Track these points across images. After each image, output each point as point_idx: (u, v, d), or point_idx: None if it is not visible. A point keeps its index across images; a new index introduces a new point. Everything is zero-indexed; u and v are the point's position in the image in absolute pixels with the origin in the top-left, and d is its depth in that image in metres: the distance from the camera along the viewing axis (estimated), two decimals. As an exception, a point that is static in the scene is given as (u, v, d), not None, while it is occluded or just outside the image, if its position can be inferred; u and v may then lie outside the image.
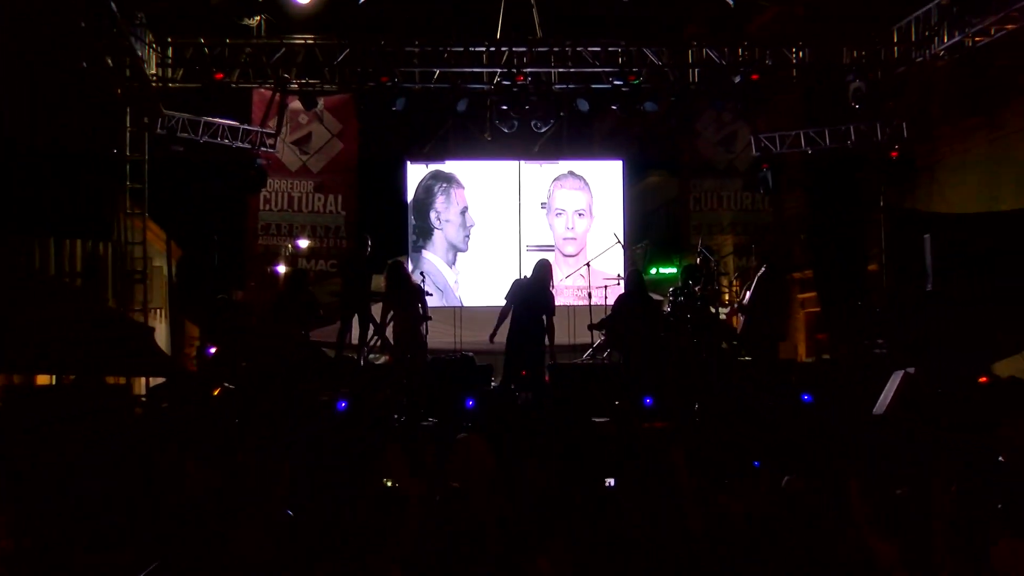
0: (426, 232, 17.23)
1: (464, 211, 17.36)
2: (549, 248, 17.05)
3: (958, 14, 13.73)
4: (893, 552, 4.91)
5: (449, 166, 17.65)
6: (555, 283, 12.73)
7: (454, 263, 17.26)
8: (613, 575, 4.37)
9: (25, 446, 8.31)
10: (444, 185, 17.37)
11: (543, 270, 12.55)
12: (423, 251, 16.46)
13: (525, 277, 12.91)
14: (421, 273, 14.52)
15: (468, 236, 17.37)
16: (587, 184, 17.75)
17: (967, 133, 17.84)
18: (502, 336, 12.65)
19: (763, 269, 13.44)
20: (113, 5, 12.27)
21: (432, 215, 17.32)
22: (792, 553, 4.73)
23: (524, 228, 17.28)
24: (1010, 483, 6.71)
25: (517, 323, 12.30)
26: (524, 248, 17.05)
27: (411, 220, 17.20)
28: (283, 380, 12.19)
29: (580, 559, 4.55)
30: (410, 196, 17.36)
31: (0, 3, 11.60)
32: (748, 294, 13.35)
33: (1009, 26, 13.77)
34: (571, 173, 17.76)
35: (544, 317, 12.30)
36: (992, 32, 14.07)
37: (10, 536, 5.02)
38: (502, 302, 12.61)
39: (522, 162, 17.70)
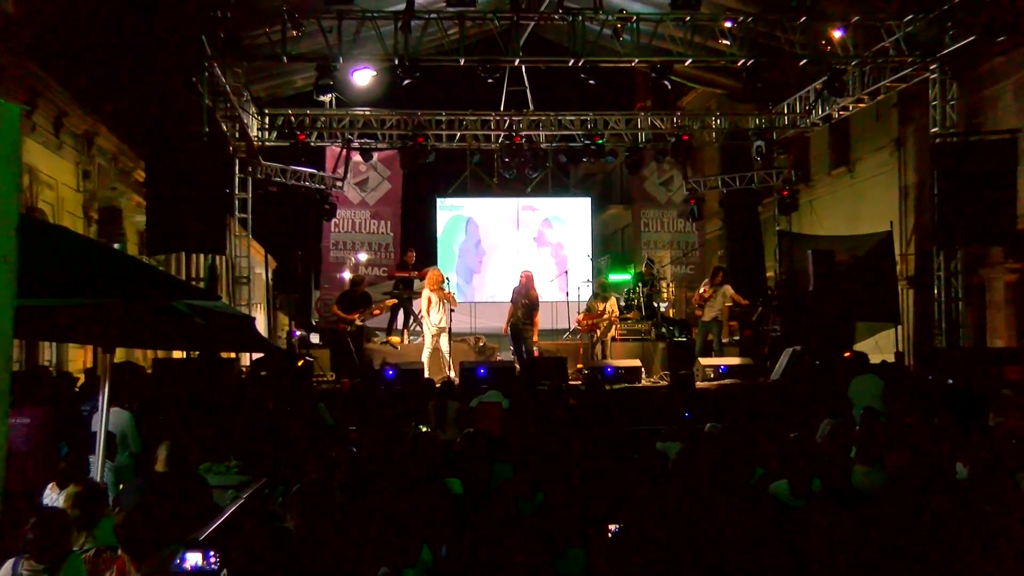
0: (449, 257, 17.29)
1: (478, 243, 17.50)
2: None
3: (828, 94, 13.78)
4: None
5: (467, 205, 17.78)
6: (536, 286, 12.61)
7: (470, 281, 17.38)
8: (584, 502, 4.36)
9: (170, 399, 8.35)
10: (463, 224, 17.52)
11: (526, 278, 12.38)
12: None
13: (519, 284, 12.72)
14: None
15: (481, 261, 17.49)
16: (566, 224, 17.86)
17: (835, 179, 17.96)
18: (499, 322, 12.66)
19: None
20: (228, 88, 12.30)
21: (454, 246, 17.47)
22: (711, 480, 4.73)
23: (521, 255, 17.25)
24: (863, 424, 6.74)
25: (514, 316, 12.27)
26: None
27: (439, 249, 17.32)
28: (348, 355, 12.23)
29: (561, 489, 4.55)
30: (439, 225, 17.46)
31: (153, 90, 11.68)
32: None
33: (860, 104, 13.85)
34: (556, 216, 17.88)
35: (532, 312, 12.25)
36: (851, 108, 14.15)
37: (165, 464, 5.03)
38: (504, 300, 12.63)
39: (520, 199, 17.83)
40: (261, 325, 16.27)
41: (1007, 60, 13.10)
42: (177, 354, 12.76)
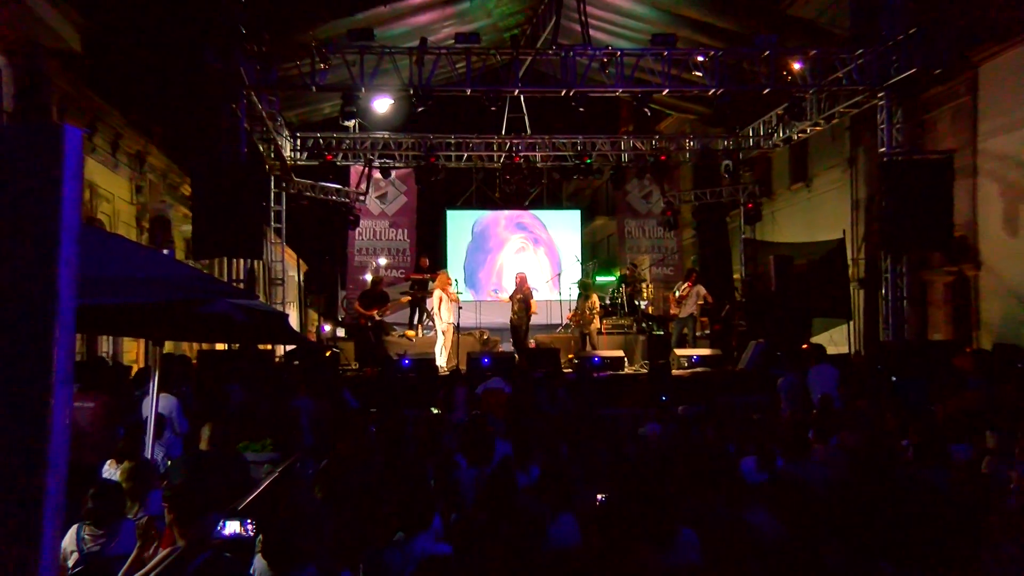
0: (457, 260, 17.27)
1: (482, 249, 17.50)
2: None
3: (788, 119, 13.77)
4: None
5: (473, 216, 17.77)
6: (531, 285, 12.60)
7: (475, 281, 17.37)
8: (574, 473, 4.35)
9: (213, 385, 8.32)
10: (470, 232, 17.54)
11: (520, 280, 12.50)
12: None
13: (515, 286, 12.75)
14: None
15: (484, 263, 17.48)
16: (558, 233, 17.84)
17: (794, 193, 17.94)
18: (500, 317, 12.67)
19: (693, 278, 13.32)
20: (264, 114, 12.30)
21: (461, 250, 17.48)
22: (685, 456, 4.72)
23: (519, 259, 17.23)
24: (820, 408, 6.73)
25: (513, 313, 12.30)
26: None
27: (448, 254, 17.30)
28: (369, 347, 12.21)
29: (554, 462, 4.54)
30: (449, 233, 17.44)
31: (198, 116, 11.65)
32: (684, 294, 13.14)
33: (819, 127, 13.83)
34: (550, 225, 17.87)
35: (527, 307, 12.27)
36: (808, 131, 14.13)
37: (208, 443, 5.02)
38: (505, 299, 12.65)
39: (519, 211, 17.81)
40: (294, 321, 16.25)
41: (944, 89, 13.12)
42: (220, 346, 12.75)
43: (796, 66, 11.92)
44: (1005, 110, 12.03)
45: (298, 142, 14.99)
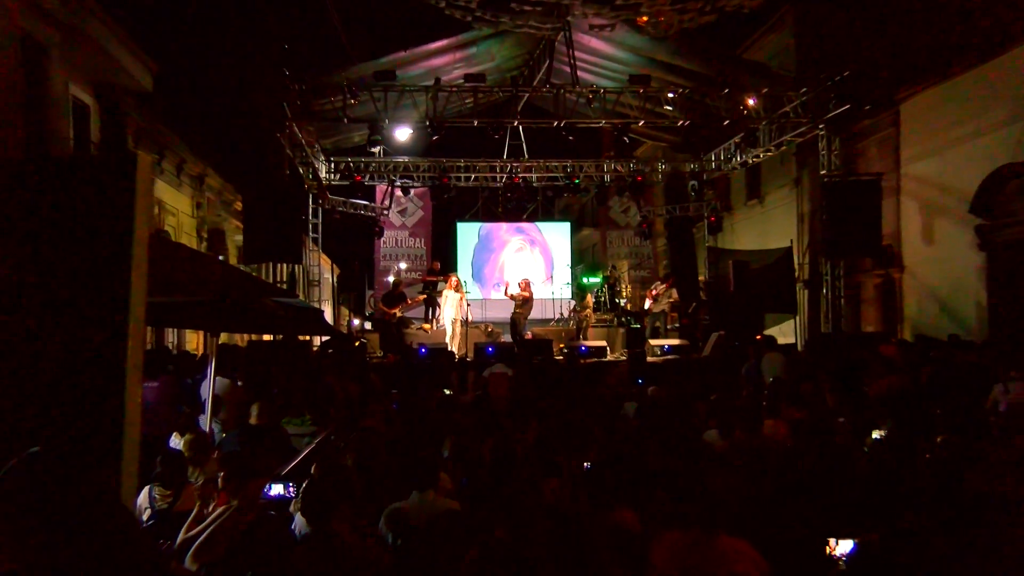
0: (465, 264, 17.21)
1: (486, 254, 17.39)
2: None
3: (744, 146, 13.78)
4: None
5: (479, 227, 17.72)
6: (531, 286, 12.60)
7: (481, 280, 17.32)
8: (564, 444, 4.35)
9: (260, 368, 8.30)
10: (476, 240, 17.46)
11: (524, 284, 12.51)
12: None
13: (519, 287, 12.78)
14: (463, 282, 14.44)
15: (487, 266, 17.40)
16: (551, 241, 17.76)
17: (750, 208, 17.94)
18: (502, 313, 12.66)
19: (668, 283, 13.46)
20: (303, 142, 12.31)
21: (469, 256, 17.38)
22: (657, 435, 4.72)
23: (518, 263, 17.20)
24: (771, 388, 6.70)
25: (514, 311, 12.31)
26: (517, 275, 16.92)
27: (458, 259, 17.24)
28: (392, 338, 12.19)
29: (547, 434, 4.54)
30: (459, 242, 17.39)
31: (248, 144, 11.65)
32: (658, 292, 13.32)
33: (770, 153, 13.84)
34: (544, 235, 17.78)
35: (528, 306, 12.28)
36: (761, 156, 14.12)
37: (256, 418, 5.00)
38: (504, 297, 12.65)
39: (518, 223, 17.77)
40: (328, 316, 16.21)
41: (873, 122, 13.14)
42: (266, 337, 12.74)
43: (751, 102, 11.93)
44: (922, 140, 12.06)
45: (332, 165, 14.97)
